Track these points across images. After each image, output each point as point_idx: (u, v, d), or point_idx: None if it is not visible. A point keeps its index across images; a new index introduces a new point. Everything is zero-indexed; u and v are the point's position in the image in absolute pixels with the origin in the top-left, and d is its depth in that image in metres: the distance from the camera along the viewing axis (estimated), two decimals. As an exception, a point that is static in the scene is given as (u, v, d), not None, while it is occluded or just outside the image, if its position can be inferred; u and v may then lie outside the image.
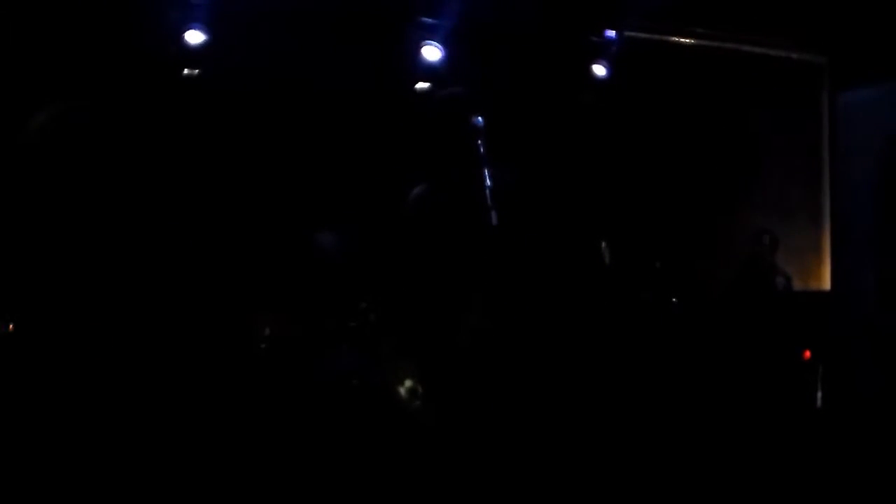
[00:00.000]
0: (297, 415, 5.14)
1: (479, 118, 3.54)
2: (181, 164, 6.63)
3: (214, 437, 5.06)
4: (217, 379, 5.41)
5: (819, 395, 7.01)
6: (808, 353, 7.13)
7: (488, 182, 3.36)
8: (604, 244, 7.20)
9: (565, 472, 5.01)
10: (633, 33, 8.28)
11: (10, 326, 3.54)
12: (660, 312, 7.36)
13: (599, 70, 7.98)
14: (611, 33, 8.08)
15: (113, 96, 6.42)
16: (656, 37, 8.55)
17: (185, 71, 6.89)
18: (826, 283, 8.64)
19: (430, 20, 7.52)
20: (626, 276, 7.37)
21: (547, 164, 7.69)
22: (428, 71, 7.37)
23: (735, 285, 8.04)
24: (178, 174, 6.60)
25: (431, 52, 7.46)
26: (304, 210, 6.72)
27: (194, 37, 6.84)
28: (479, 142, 3.48)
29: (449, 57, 7.45)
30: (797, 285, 8.23)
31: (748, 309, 7.53)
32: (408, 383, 3.69)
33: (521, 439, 3.98)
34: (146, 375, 5.41)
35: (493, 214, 3.26)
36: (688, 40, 8.68)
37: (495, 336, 3.55)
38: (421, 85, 7.46)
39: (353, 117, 7.06)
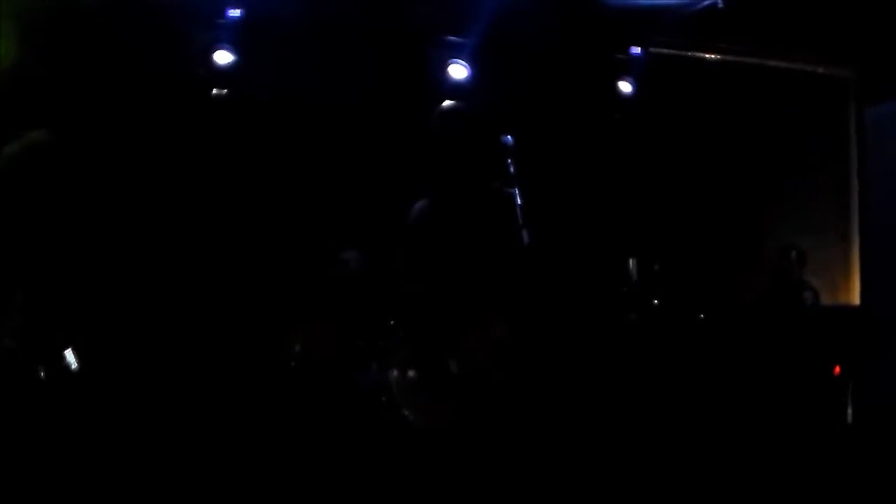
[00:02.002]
0: (327, 431, 5.16)
1: (509, 137, 3.55)
2: (212, 184, 6.69)
3: (244, 451, 5.09)
4: (248, 395, 5.45)
5: (849, 410, 6.96)
6: (837, 369, 7.07)
7: (519, 200, 3.36)
8: (632, 261, 7.19)
9: (589, 486, 5.01)
10: (658, 50, 8.28)
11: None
12: (678, 324, 7.33)
13: (625, 87, 7.99)
14: (636, 50, 8.08)
15: (143, 116, 6.51)
16: (681, 53, 8.55)
17: (214, 91, 6.95)
18: (855, 298, 8.58)
19: (455, 39, 7.56)
20: (651, 289, 7.35)
21: (574, 181, 7.70)
22: (454, 89, 7.39)
23: (763, 301, 8.01)
24: (209, 193, 6.67)
25: (457, 71, 7.49)
26: (334, 227, 6.75)
27: (222, 57, 6.91)
28: (509, 160, 3.49)
29: (474, 75, 7.48)
30: (826, 300, 8.17)
31: (776, 324, 7.49)
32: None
33: (542, 453, 3.99)
34: (180, 390, 5.47)
35: (525, 233, 3.26)
36: (713, 56, 8.67)
37: (517, 350, 3.55)
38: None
39: (383, 135, 7.09)
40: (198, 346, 5.83)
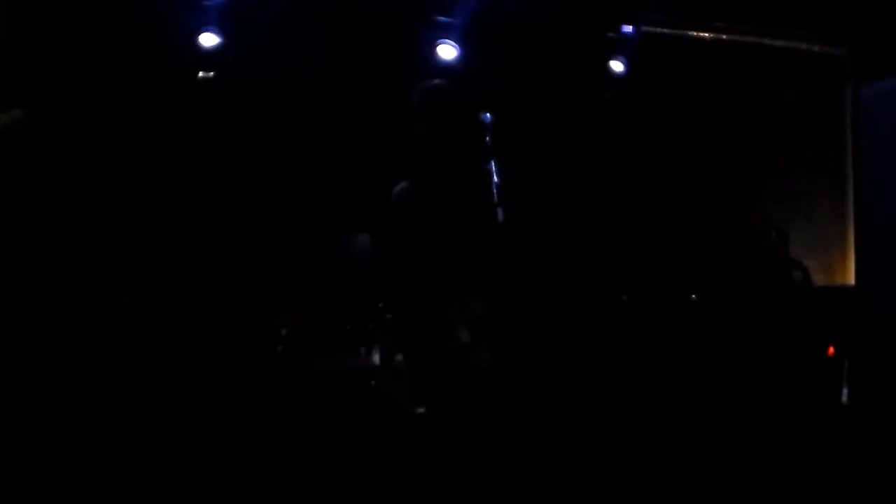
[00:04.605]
0: (314, 415, 5.14)
1: (487, 114, 3.49)
2: (198, 166, 6.65)
3: (231, 435, 5.07)
4: (235, 379, 5.42)
5: (844, 391, 6.92)
6: (832, 349, 7.03)
7: (495, 178, 3.30)
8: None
9: (579, 473, 4.98)
10: (650, 28, 8.19)
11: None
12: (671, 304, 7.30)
13: (617, 66, 7.91)
14: (628, 29, 8.00)
15: (129, 99, 6.46)
16: (675, 31, 8.45)
17: (200, 73, 6.90)
18: (850, 278, 8.53)
19: (445, 19, 7.49)
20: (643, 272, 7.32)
21: (565, 160, 7.65)
22: (444, 69, 7.32)
23: (752, 282, 7.94)
24: (195, 176, 6.62)
25: (447, 51, 7.42)
26: (320, 211, 6.71)
27: (208, 39, 6.86)
28: (487, 137, 3.43)
29: (465, 55, 7.41)
30: (821, 280, 8.12)
31: (767, 304, 7.42)
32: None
33: (527, 440, 3.95)
34: (169, 374, 5.44)
35: (500, 211, 3.20)
36: (707, 34, 8.57)
37: (493, 332, 3.50)
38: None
39: (369, 118, 7.04)
40: (184, 329, 5.80)
